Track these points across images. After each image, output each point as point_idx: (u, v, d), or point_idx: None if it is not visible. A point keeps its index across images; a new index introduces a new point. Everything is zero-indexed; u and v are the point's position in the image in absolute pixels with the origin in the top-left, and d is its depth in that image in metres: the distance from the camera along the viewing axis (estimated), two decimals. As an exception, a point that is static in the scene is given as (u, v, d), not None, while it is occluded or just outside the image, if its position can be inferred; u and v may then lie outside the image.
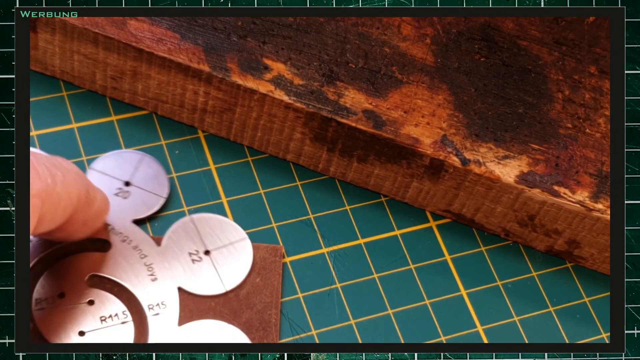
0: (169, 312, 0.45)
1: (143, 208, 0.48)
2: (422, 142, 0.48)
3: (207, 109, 0.50)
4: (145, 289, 0.46)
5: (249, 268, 0.48)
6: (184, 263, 0.47)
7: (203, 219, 0.48)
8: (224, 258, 0.48)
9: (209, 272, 0.47)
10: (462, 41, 0.51)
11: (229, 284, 0.47)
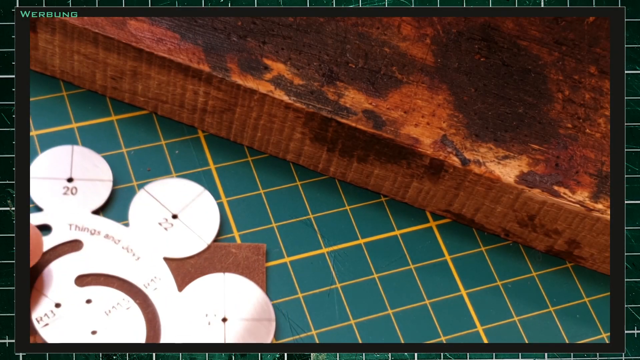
0: (166, 283, 0.46)
1: (95, 198, 0.48)
2: (422, 142, 0.48)
3: (207, 109, 0.50)
4: (134, 270, 0.46)
5: (219, 216, 0.49)
6: (158, 234, 0.48)
7: (156, 187, 0.49)
8: (193, 216, 0.48)
9: (184, 234, 0.48)
10: (462, 41, 0.51)
11: (207, 237, 0.48)
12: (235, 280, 0.47)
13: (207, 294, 0.46)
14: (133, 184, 0.49)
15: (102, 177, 0.49)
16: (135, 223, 0.48)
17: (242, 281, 0.47)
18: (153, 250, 0.47)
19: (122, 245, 0.47)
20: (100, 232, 0.47)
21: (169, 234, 0.48)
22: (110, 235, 0.47)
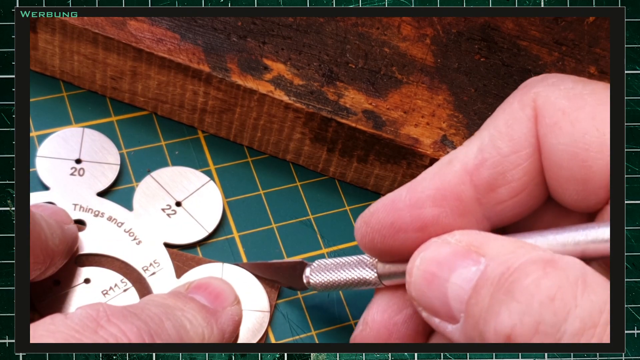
0: (165, 269, 0.47)
1: (102, 179, 0.49)
2: (422, 142, 0.48)
3: (207, 109, 0.50)
4: (134, 253, 0.47)
5: (222, 207, 0.49)
6: (160, 219, 0.48)
7: (163, 174, 0.49)
8: (196, 204, 0.49)
9: (187, 221, 0.48)
10: (462, 41, 0.51)
11: (209, 226, 0.48)
12: (233, 270, 0.47)
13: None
14: (133, 184, 0.49)
15: (110, 160, 0.49)
16: (139, 208, 0.48)
17: (240, 271, 0.47)
18: (154, 235, 0.48)
19: (125, 228, 0.47)
20: (104, 214, 0.48)
21: (172, 220, 0.48)
22: (114, 218, 0.48)
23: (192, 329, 0.40)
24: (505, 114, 0.37)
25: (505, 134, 0.37)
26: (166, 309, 0.40)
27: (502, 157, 0.37)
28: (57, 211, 0.45)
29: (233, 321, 0.43)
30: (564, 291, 0.32)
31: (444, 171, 0.38)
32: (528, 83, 0.38)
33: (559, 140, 0.36)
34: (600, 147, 0.35)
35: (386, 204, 0.38)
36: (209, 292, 0.44)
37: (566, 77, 0.38)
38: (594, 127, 0.35)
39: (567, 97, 0.36)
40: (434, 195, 0.37)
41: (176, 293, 0.43)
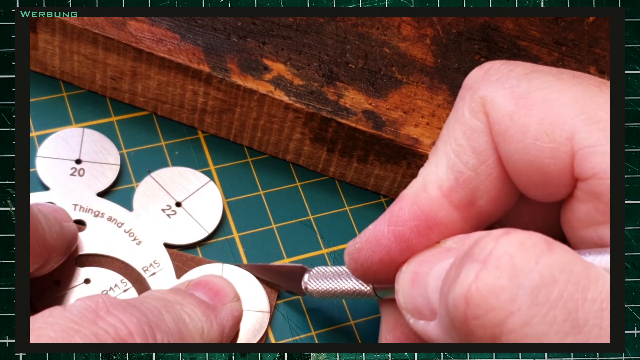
0: (164, 269, 0.47)
1: (102, 179, 0.49)
2: (422, 142, 0.48)
3: (207, 110, 0.50)
4: (134, 253, 0.47)
5: (222, 207, 0.49)
6: (160, 220, 0.48)
7: (163, 174, 0.49)
8: (196, 205, 0.49)
9: (187, 222, 0.48)
10: (462, 41, 0.51)
11: (209, 226, 0.49)
12: (233, 271, 0.47)
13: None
14: (133, 185, 0.49)
15: (110, 160, 0.49)
16: (139, 208, 0.48)
17: (240, 272, 0.47)
18: (154, 235, 0.48)
19: (125, 228, 0.47)
20: (104, 214, 0.48)
21: (172, 221, 0.48)
22: (114, 218, 0.48)
23: (191, 322, 0.40)
24: (461, 124, 0.37)
25: (468, 147, 0.37)
26: (165, 303, 0.40)
27: (472, 172, 0.37)
28: (57, 209, 0.45)
29: (233, 317, 0.43)
30: (524, 249, 0.32)
31: (421, 199, 0.37)
32: (473, 81, 0.38)
33: (511, 149, 0.36)
34: (552, 153, 0.35)
35: (370, 240, 0.38)
36: (208, 288, 0.44)
37: (511, 68, 0.37)
38: (543, 133, 0.35)
39: (513, 98, 0.36)
40: (417, 227, 0.37)
41: (176, 289, 0.43)
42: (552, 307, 0.31)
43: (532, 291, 0.32)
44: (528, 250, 0.32)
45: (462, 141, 0.37)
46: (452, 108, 0.38)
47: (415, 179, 0.38)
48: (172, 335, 0.39)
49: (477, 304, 0.32)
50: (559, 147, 0.35)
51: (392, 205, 0.38)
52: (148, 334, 0.37)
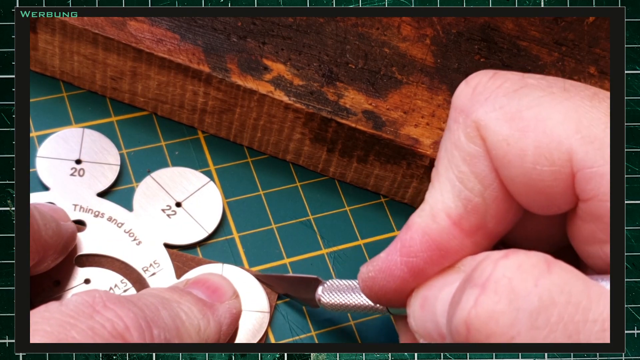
0: (164, 269, 0.47)
1: (102, 180, 0.49)
2: (422, 142, 0.48)
3: (207, 110, 0.50)
4: (134, 254, 0.47)
5: (222, 208, 0.49)
6: (160, 220, 0.48)
7: (163, 175, 0.49)
8: (196, 205, 0.49)
9: (186, 222, 0.48)
10: (461, 42, 0.51)
11: (209, 226, 0.49)
12: (233, 271, 0.47)
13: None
14: (133, 185, 0.49)
15: (110, 160, 0.49)
16: (139, 208, 0.48)
17: (240, 272, 0.47)
18: (154, 235, 0.48)
19: (125, 229, 0.47)
20: (104, 214, 0.48)
21: (172, 221, 0.48)
22: (114, 218, 0.48)
23: (187, 320, 0.40)
24: (459, 150, 0.37)
25: (470, 173, 0.37)
26: (162, 300, 0.40)
27: (479, 198, 0.37)
28: (55, 209, 0.45)
29: (230, 314, 0.43)
30: (522, 271, 0.32)
31: (432, 229, 0.37)
32: (463, 101, 0.37)
33: (511, 173, 0.35)
34: (553, 175, 0.35)
35: (383, 270, 0.38)
36: (206, 286, 0.44)
37: (499, 84, 0.37)
38: (542, 156, 0.35)
39: (507, 120, 0.35)
40: (430, 257, 0.37)
41: (174, 287, 0.43)
42: (552, 330, 0.31)
43: (531, 315, 0.32)
44: (527, 273, 0.32)
45: (463, 167, 0.37)
46: (446, 128, 0.38)
47: (423, 206, 0.38)
48: (168, 332, 0.39)
49: (477, 330, 0.32)
50: (559, 170, 0.35)
51: (402, 234, 0.38)
52: (145, 329, 0.37)
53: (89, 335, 0.36)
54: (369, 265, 0.39)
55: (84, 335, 0.36)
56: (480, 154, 0.36)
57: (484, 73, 0.38)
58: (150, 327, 0.38)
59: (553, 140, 0.34)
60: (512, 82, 0.37)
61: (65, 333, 0.36)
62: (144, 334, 0.37)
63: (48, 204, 0.46)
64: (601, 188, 0.34)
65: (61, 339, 0.35)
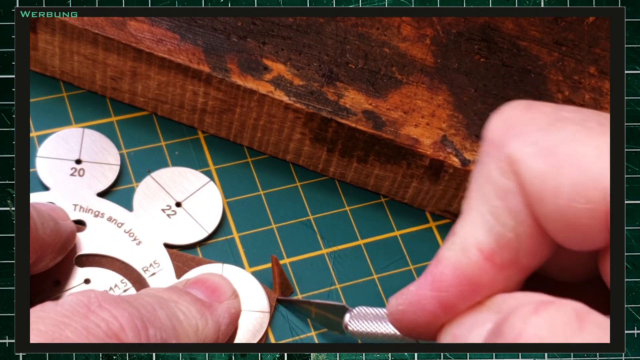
0: (164, 269, 0.47)
1: (102, 180, 0.49)
2: (422, 142, 0.48)
3: (207, 110, 0.50)
4: (134, 254, 0.47)
5: (222, 208, 0.49)
6: (160, 220, 0.48)
7: (163, 175, 0.50)
8: (196, 205, 0.49)
9: (187, 222, 0.48)
10: (462, 42, 0.51)
11: (209, 226, 0.49)
12: (233, 271, 0.47)
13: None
14: (133, 185, 0.49)
15: (110, 160, 0.49)
16: (139, 208, 0.48)
17: (240, 272, 0.47)
18: (154, 235, 0.48)
19: (125, 229, 0.47)
20: (104, 214, 0.48)
21: (172, 221, 0.48)
22: (114, 218, 0.48)
23: (185, 320, 0.40)
24: (492, 185, 0.36)
25: (503, 208, 0.36)
26: (159, 300, 0.40)
27: (512, 233, 0.36)
28: (54, 208, 0.45)
29: (229, 314, 0.43)
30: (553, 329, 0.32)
31: (464, 264, 0.37)
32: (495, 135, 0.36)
33: (546, 210, 0.35)
34: (589, 214, 0.34)
35: (414, 304, 0.38)
36: (206, 286, 0.44)
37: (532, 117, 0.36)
38: (578, 194, 0.34)
39: (541, 156, 0.35)
40: (462, 292, 0.37)
41: (172, 287, 0.43)
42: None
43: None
44: (557, 332, 0.32)
45: (496, 202, 0.36)
46: (479, 161, 0.37)
47: (452, 239, 0.37)
48: (165, 331, 0.39)
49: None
50: (595, 207, 0.34)
51: (432, 267, 0.37)
52: (140, 329, 0.37)
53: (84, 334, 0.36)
54: (398, 298, 0.39)
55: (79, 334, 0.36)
56: (513, 189, 0.35)
57: (516, 104, 0.37)
58: (146, 326, 0.38)
59: (589, 177, 0.34)
60: (546, 115, 0.36)
61: (60, 332, 0.36)
62: (140, 334, 0.37)
63: (47, 203, 0.46)
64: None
65: (55, 338, 0.35)
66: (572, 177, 0.34)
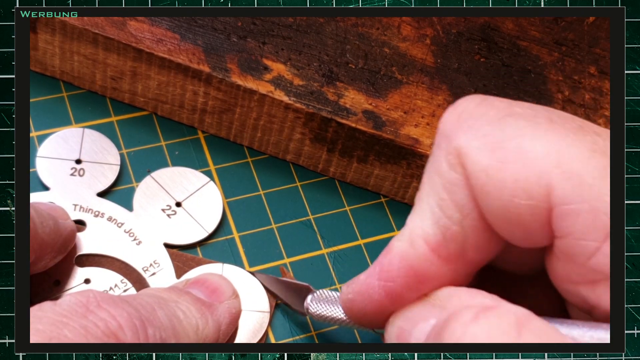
0: (164, 269, 0.47)
1: (102, 180, 0.49)
2: (422, 142, 0.48)
3: (207, 110, 0.50)
4: (134, 253, 0.47)
5: (222, 207, 0.49)
6: (160, 220, 0.48)
7: (163, 175, 0.50)
8: (196, 205, 0.49)
9: (187, 222, 0.48)
10: (462, 42, 0.51)
11: (209, 226, 0.49)
12: (233, 271, 0.47)
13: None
14: (133, 185, 0.49)
15: (110, 160, 0.49)
16: (139, 208, 0.48)
17: (240, 272, 0.47)
18: (154, 235, 0.48)
19: (125, 228, 0.47)
20: (104, 214, 0.48)
21: (172, 221, 0.48)
22: (114, 218, 0.48)
23: (185, 319, 0.40)
24: (440, 177, 0.36)
25: (450, 200, 0.36)
26: (159, 300, 0.40)
27: (457, 226, 0.36)
28: (54, 207, 0.45)
29: (230, 314, 0.43)
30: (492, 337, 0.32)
31: (410, 255, 0.37)
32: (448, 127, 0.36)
33: (489, 204, 0.34)
34: (530, 210, 0.34)
35: (362, 293, 0.38)
36: (205, 286, 0.44)
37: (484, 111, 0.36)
38: (520, 189, 0.34)
39: (488, 150, 0.34)
40: (408, 282, 0.37)
41: (172, 287, 0.43)
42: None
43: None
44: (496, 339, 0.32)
45: (444, 194, 0.36)
46: (431, 153, 0.37)
47: (403, 230, 0.37)
48: (164, 331, 0.39)
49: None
50: (537, 204, 0.34)
51: (382, 257, 0.37)
52: (139, 328, 0.37)
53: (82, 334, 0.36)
54: (349, 286, 0.39)
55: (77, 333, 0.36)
56: (460, 182, 0.35)
57: (471, 99, 0.37)
58: (144, 326, 0.38)
59: (532, 173, 0.34)
60: (497, 111, 0.36)
61: (58, 332, 0.36)
62: (138, 333, 0.37)
63: (47, 202, 0.46)
64: (576, 226, 0.33)
65: (53, 337, 0.35)
66: (516, 173, 0.34)
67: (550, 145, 0.34)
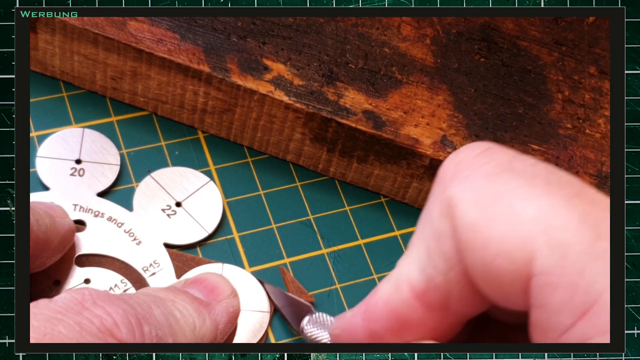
0: (164, 269, 0.47)
1: (102, 180, 0.49)
2: (422, 142, 0.48)
3: (207, 110, 0.50)
4: (134, 253, 0.47)
5: (222, 207, 0.49)
6: (160, 220, 0.48)
7: (163, 174, 0.50)
8: (196, 205, 0.49)
9: (187, 222, 0.48)
10: (462, 42, 0.51)
11: (209, 226, 0.49)
12: (233, 271, 0.47)
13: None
14: (133, 185, 0.49)
15: (110, 160, 0.49)
16: (139, 208, 0.48)
17: (240, 272, 0.47)
18: (154, 235, 0.48)
19: (125, 228, 0.47)
20: (104, 214, 0.48)
21: (172, 221, 0.48)
22: (114, 218, 0.48)
23: (182, 318, 0.40)
24: (431, 225, 0.35)
25: (437, 250, 0.35)
26: (156, 299, 0.40)
27: (442, 277, 0.34)
28: (52, 206, 0.45)
29: (227, 313, 0.43)
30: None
31: (394, 299, 0.36)
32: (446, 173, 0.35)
33: (473, 262, 0.33)
34: (512, 275, 0.32)
35: (346, 330, 0.38)
36: (204, 286, 0.44)
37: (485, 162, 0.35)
38: (505, 252, 0.32)
39: (478, 205, 0.33)
40: (390, 327, 0.36)
41: (169, 287, 0.43)
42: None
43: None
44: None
45: (432, 242, 0.35)
46: (430, 194, 0.36)
47: (393, 271, 0.36)
48: (161, 329, 0.39)
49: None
50: (518, 269, 0.32)
51: (368, 297, 0.37)
52: (134, 326, 0.37)
53: (77, 330, 0.36)
54: (337, 321, 0.38)
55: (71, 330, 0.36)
56: (448, 233, 0.34)
57: (475, 146, 0.36)
58: (140, 323, 0.38)
59: (518, 237, 0.32)
60: (496, 164, 0.34)
61: (52, 328, 0.35)
62: (134, 331, 0.37)
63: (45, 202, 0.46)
64: (552, 299, 0.31)
65: (48, 333, 0.35)
66: (502, 233, 0.32)
67: (541, 210, 0.32)
